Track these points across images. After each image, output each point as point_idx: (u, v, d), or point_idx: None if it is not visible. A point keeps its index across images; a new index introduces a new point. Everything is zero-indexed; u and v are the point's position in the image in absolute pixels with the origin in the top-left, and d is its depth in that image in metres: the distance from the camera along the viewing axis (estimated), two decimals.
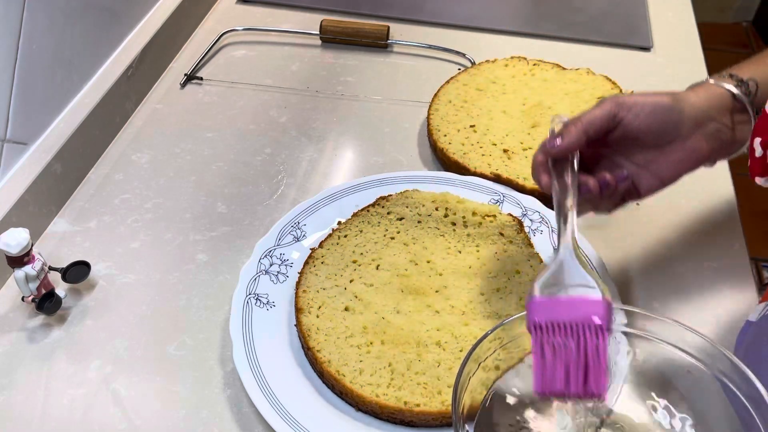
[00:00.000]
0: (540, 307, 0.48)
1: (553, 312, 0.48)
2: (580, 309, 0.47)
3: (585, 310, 0.47)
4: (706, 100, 0.60)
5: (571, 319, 0.47)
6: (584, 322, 0.47)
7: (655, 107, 0.58)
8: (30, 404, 0.60)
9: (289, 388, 0.59)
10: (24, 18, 0.71)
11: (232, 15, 1.07)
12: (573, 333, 0.47)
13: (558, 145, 0.58)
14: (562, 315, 0.47)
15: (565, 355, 0.46)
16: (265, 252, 0.69)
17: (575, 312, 0.47)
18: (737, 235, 0.75)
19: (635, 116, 0.58)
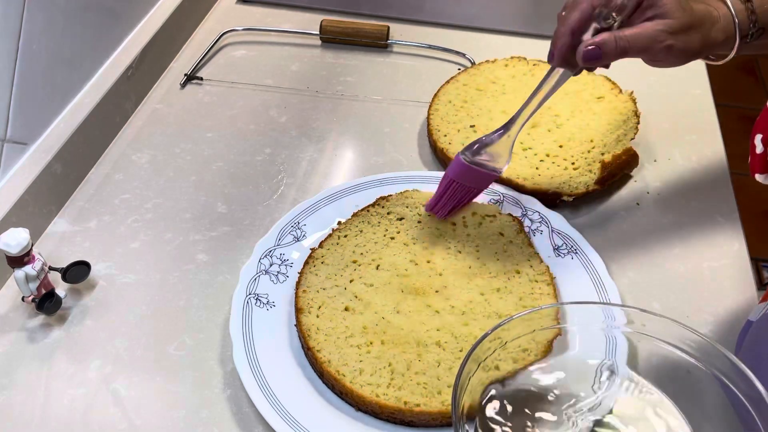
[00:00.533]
0: (459, 167, 0.69)
1: (465, 172, 0.69)
2: (482, 179, 0.70)
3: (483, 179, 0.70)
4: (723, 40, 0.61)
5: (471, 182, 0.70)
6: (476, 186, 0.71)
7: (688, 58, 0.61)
8: (30, 404, 0.60)
9: (289, 388, 0.59)
10: (24, 18, 0.71)
11: (232, 15, 1.07)
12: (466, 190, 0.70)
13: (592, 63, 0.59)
14: (467, 178, 0.69)
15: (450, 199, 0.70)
16: (265, 252, 0.69)
17: (476, 178, 0.70)
18: (737, 235, 0.75)
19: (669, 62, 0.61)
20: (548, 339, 0.58)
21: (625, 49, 0.58)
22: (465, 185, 0.69)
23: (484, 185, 0.71)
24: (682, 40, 0.59)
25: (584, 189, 0.76)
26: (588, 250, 0.69)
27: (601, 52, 0.58)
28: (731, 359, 0.49)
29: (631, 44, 0.58)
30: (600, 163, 0.77)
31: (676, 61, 0.62)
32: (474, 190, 0.71)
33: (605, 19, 0.59)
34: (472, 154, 0.68)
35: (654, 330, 0.54)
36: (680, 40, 0.59)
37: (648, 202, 0.78)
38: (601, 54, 0.58)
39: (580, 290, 0.66)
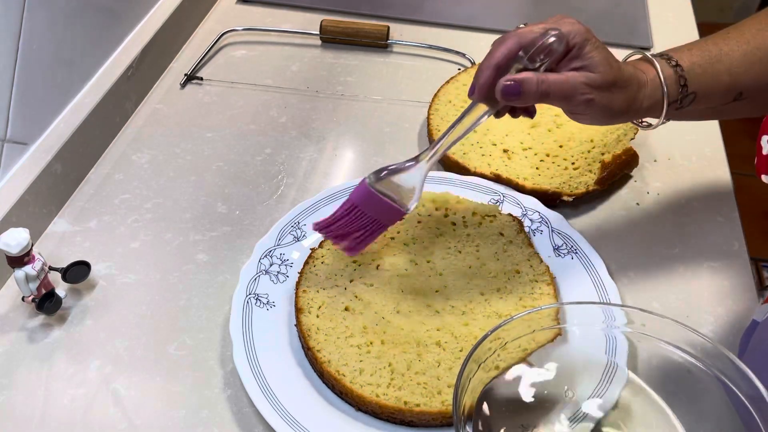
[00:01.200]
0: (362, 192, 0.62)
1: (369, 201, 0.62)
2: (387, 212, 0.63)
3: (388, 214, 0.63)
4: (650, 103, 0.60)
5: (374, 214, 0.63)
6: (378, 219, 0.63)
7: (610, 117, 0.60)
8: (30, 404, 0.60)
9: (289, 388, 0.59)
10: (24, 18, 0.71)
11: (232, 15, 1.07)
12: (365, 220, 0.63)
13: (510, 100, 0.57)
14: (370, 206, 0.63)
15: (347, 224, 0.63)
16: (265, 252, 0.69)
17: (379, 210, 0.63)
18: (737, 235, 0.75)
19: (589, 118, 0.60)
20: (548, 339, 0.58)
21: (546, 93, 0.56)
22: (366, 214, 0.63)
23: (386, 220, 0.64)
24: (604, 97, 0.57)
25: (584, 189, 0.76)
26: (588, 250, 0.69)
27: (521, 90, 0.56)
28: (732, 360, 0.49)
29: (552, 89, 0.56)
30: (600, 163, 0.77)
31: (597, 118, 0.60)
32: (375, 224, 0.64)
33: (531, 60, 0.56)
34: (377, 180, 0.62)
35: (654, 330, 0.54)
36: (603, 97, 0.57)
37: (648, 202, 0.78)
38: (521, 92, 0.56)
39: (580, 290, 0.66)
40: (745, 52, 0.61)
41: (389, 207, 0.63)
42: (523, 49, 0.57)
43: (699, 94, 0.61)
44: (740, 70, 0.60)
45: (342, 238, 0.64)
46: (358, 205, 0.63)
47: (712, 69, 0.61)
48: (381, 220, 0.64)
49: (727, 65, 0.61)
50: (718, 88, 0.61)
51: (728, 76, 0.61)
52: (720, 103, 0.62)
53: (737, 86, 0.61)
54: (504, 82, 0.56)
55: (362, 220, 0.63)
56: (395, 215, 0.64)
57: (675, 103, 0.61)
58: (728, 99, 0.61)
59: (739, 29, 0.62)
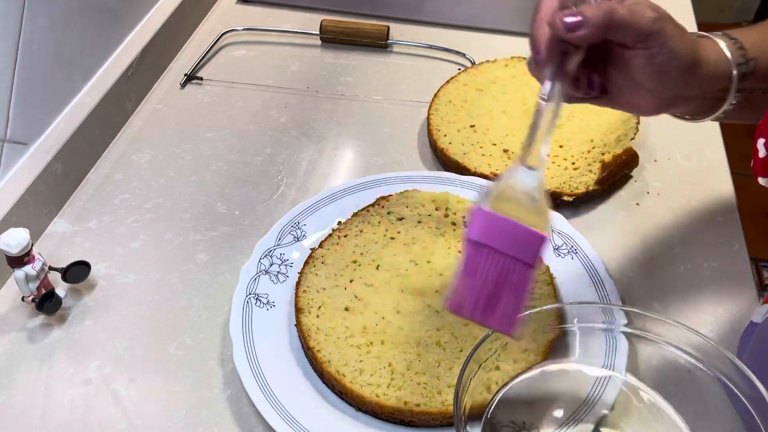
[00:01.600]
0: (483, 221, 0.45)
1: (492, 231, 0.45)
2: (519, 239, 0.45)
3: (523, 242, 0.45)
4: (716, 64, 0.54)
5: (507, 249, 0.45)
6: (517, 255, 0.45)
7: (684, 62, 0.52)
8: (30, 404, 0.60)
9: (289, 388, 0.59)
10: (24, 18, 0.71)
11: (232, 15, 1.07)
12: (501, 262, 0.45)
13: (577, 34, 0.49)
14: (499, 239, 0.45)
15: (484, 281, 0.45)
16: (265, 252, 0.69)
17: (514, 241, 0.45)
18: (737, 235, 0.75)
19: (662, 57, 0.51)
20: (548, 339, 0.58)
21: (609, 14, 0.48)
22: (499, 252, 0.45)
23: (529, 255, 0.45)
24: (671, 27, 0.50)
25: (584, 189, 0.76)
26: (588, 250, 0.69)
27: (583, 19, 0.48)
28: (732, 360, 0.49)
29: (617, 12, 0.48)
30: (600, 163, 0.77)
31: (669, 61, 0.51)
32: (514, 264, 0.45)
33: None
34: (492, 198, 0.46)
35: (654, 330, 0.54)
36: (670, 26, 0.50)
37: (648, 202, 0.78)
38: (583, 21, 0.48)
39: (580, 290, 0.66)
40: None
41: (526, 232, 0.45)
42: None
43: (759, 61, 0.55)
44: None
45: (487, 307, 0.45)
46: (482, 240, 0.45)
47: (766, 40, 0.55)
48: (519, 256, 0.45)
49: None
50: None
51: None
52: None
53: None
54: (563, 17, 0.48)
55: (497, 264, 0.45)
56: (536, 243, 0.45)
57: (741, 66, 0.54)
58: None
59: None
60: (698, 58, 0.53)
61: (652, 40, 0.50)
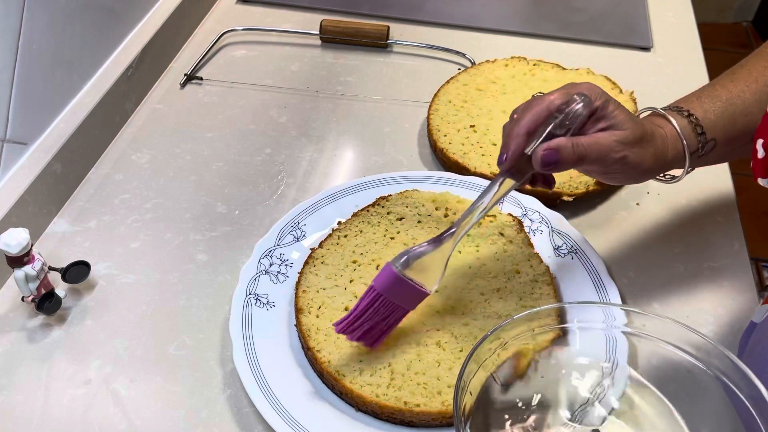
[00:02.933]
0: (388, 279, 0.58)
1: (392, 286, 0.58)
2: (409, 295, 0.59)
3: (411, 296, 0.59)
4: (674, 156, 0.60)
5: (400, 300, 0.59)
6: (403, 304, 0.59)
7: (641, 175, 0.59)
8: (30, 404, 0.60)
9: (289, 388, 0.59)
10: (24, 18, 0.71)
11: (232, 15, 1.07)
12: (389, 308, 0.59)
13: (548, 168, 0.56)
14: (395, 293, 0.58)
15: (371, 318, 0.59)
16: (265, 252, 0.69)
17: (404, 295, 0.59)
18: (737, 235, 0.75)
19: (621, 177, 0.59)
20: (548, 339, 0.58)
21: (581, 156, 0.56)
22: (390, 302, 0.59)
23: (409, 304, 0.60)
24: (636, 153, 0.57)
25: (584, 189, 0.76)
26: (588, 250, 0.69)
27: (559, 157, 0.55)
28: (732, 359, 0.49)
29: (587, 152, 0.56)
30: None
31: (630, 176, 0.59)
32: (398, 311, 0.59)
33: (560, 126, 0.57)
34: (402, 267, 0.58)
35: (654, 330, 0.54)
36: (634, 153, 0.57)
37: (648, 202, 0.78)
38: (559, 159, 0.55)
39: (580, 290, 0.66)
40: (755, 92, 0.60)
41: (415, 291, 0.59)
42: (551, 114, 0.57)
43: (718, 139, 0.60)
44: (755, 110, 0.60)
45: (365, 332, 0.60)
46: (383, 293, 0.58)
47: (726, 113, 0.60)
48: (404, 305, 0.60)
49: (741, 108, 0.60)
50: (735, 131, 0.60)
51: (744, 118, 0.60)
52: (741, 143, 0.61)
53: (754, 125, 0.59)
54: (542, 151, 0.56)
55: (386, 309, 0.59)
56: (419, 297, 0.60)
57: (696, 152, 0.60)
58: (747, 139, 0.61)
59: (745, 68, 0.62)
60: (656, 167, 0.59)
61: (613, 170, 0.58)
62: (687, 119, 0.60)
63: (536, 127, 0.57)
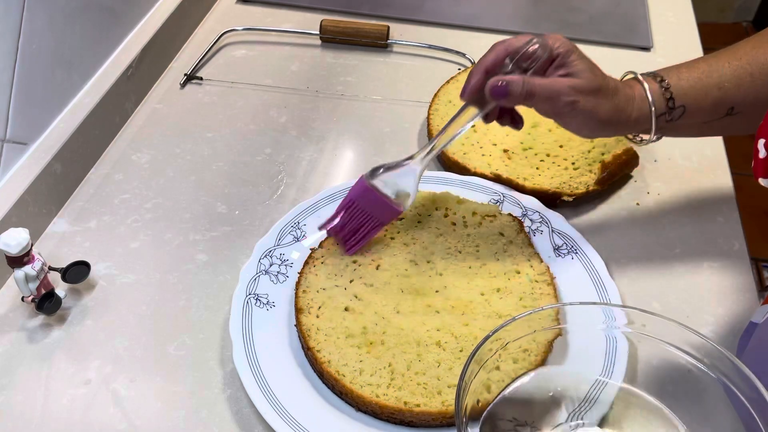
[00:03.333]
0: (362, 191, 0.66)
1: (367, 197, 0.66)
2: (383, 209, 0.67)
3: (384, 211, 0.67)
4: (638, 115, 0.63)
5: (370, 211, 0.67)
6: (377, 217, 0.67)
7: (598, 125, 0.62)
8: (30, 404, 0.60)
9: (289, 388, 0.59)
10: (24, 18, 0.70)
11: (232, 15, 1.07)
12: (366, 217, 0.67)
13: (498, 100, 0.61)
14: (369, 204, 0.66)
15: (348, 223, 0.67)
16: (265, 252, 0.69)
17: (378, 209, 0.67)
18: (737, 235, 0.75)
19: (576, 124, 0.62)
20: (549, 339, 0.58)
21: (531, 92, 0.59)
22: (364, 211, 0.67)
23: (383, 218, 0.67)
24: (589, 102, 0.60)
25: (584, 189, 0.76)
26: (588, 250, 0.69)
27: (508, 89, 0.59)
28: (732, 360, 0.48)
29: (537, 89, 0.59)
30: (600, 163, 0.77)
31: (585, 125, 0.62)
32: (372, 221, 0.67)
33: (517, 65, 0.61)
34: (374, 177, 0.66)
35: (655, 330, 0.54)
36: (587, 101, 0.60)
37: (648, 202, 0.78)
38: (508, 91, 0.59)
39: (580, 290, 0.66)
40: (736, 68, 0.62)
41: (385, 204, 0.66)
42: (510, 55, 0.62)
43: (688, 107, 0.63)
44: (730, 85, 0.62)
45: (342, 234, 0.68)
46: (356, 200, 0.66)
47: (701, 84, 0.63)
48: (378, 217, 0.67)
49: (717, 80, 0.62)
50: (707, 102, 0.63)
51: (718, 91, 0.62)
52: (712, 118, 0.64)
53: (728, 100, 0.62)
54: (492, 83, 0.60)
55: (360, 217, 0.67)
56: (391, 213, 0.67)
57: (663, 115, 0.63)
58: (720, 113, 0.63)
59: (732, 49, 0.64)
60: (616, 120, 0.62)
61: (564, 116, 0.62)
62: (658, 84, 0.63)
63: (495, 66, 0.62)
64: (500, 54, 0.62)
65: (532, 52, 0.61)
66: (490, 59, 0.62)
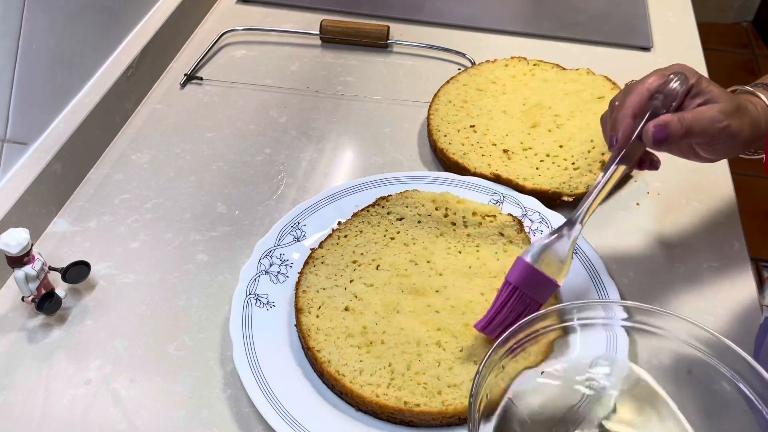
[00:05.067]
0: (522, 271, 0.60)
1: (527, 279, 0.59)
2: (545, 287, 0.60)
3: (543, 288, 0.60)
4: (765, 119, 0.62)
5: (533, 293, 0.60)
6: (535, 297, 0.60)
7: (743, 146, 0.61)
8: (30, 404, 0.60)
9: (289, 388, 0.59)
10: (24, 18, 0.71)
11: (232, 15, 1.07)
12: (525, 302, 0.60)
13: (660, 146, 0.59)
14: (530, 285, 0.59)
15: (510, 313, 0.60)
16: (265, 252, 0.69)
17: (540, 288, 0.60)
18: (737, 235, 0.75)
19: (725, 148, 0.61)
20: (549, 339, 0.58)
21: (688, 128, 0.58)
22: (526, 295, 0.59)
23: (542, 297, 0.60)
24: (736, 122, 0.59)
25: (584, 189, 0.76)
26: (588, 250, 0.69)
27: (668, 131, 0.58)
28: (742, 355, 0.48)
29: (693, 124, 0.58)
30: (600, 163, 0.77)
31: (732, 147, 0.61)
32: (532, 305, 0.60)
33: (663, 105, 0.60)
34: (533, 259, 0.60)
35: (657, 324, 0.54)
36: (735, 122, 0.59)
37: (648, 202, 0.78)
38: (669, 133, 0.58)
39: (580, 290, 0.66)
40: None
41: (549, 282, 0.60)
42: (652, 95, 0.60)
43: None
44: None
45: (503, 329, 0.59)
46: (520, 286, 0.59)
47: None
48: (537, 298, 0.60)
49: None
50: None
51: None
52: None
53: None
54: (653, 128, 0.58)
55: (521, 303, 0.60)
56: (551, 290, 0.61)
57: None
58: None
59: None
60: (755, 136, 0.61)
61: (718, 140, 0.60)
62: None
63: (640, 109, 0.60)
64: (645, 95, 0.60)
65: (673, 89, 0.60)
66: (635, 102, 0.60)
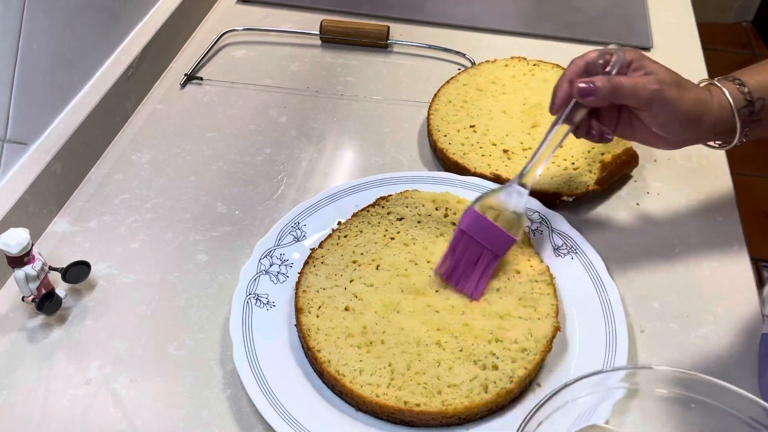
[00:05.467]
0: (472, 219, 0.64)
1: (478, 226, 0.64)
2: (495, 237, 0.64)
3: (497, 240, 0.64)
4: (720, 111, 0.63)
5: (484, 240, 0.64)
6: (491, 247, 0.64)
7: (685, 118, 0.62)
8: (30, 404, 0.60)
9: (289, 388, 0.59)
10: (24, 18, 0.71)
11: (232, 15, 1.07)
12: (478, 247, 0.64)
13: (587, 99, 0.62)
14: (482, 233, 0.64)
15: (463, 259, 0.64)
16: (265, 252, 0.69)
17: (491, 238, 0.64)
18: (737, 235, 0.75)
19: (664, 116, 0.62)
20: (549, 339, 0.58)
21: (616, 86, 0.61)
22: (478, 242, 0.64)
23: (498, 249, 0.65)
24: (672, 91, 0.61)
25: (584, 189, 0.76)
26: (588, 250, 0.69)
27: (595, 88, 0.61)
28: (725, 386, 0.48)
29: (622, 83, 0.61)
30: (600, 163, 0.78)
31: (673, 118, 0.62)
32: (487, 252, 0.65)
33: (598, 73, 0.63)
34: (481, 205, 0.65)
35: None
36: (670, 90, 0.61)
37: (648, 202, 0.78)
38: (595, 88, 0.61)
39: (580, 290, 0.67)
40: None
41: (498, 233, 0.64)
42: (589, 65, 0.64)
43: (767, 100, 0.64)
44: None
45: (460, 277, 0.65)
46: (467, 231, 0.64)
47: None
48: (493, 249, 0.65)
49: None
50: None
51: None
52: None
53: None
54: (579, 84, 0.62)
55: (474, 251, 0.64)
56: (506, 242, 0.65)
57: (745, 108, 0.64)
58: None
59: None
60: (700, 113, 0.63)
61: (653, 106, 0.62)
62: (731, 82, 0.64)
63: (577, 76, 0.64)
64: (580, 65, 0.64)
65: (609, 59, 0.63)
66: (571, 71, 0.64)
